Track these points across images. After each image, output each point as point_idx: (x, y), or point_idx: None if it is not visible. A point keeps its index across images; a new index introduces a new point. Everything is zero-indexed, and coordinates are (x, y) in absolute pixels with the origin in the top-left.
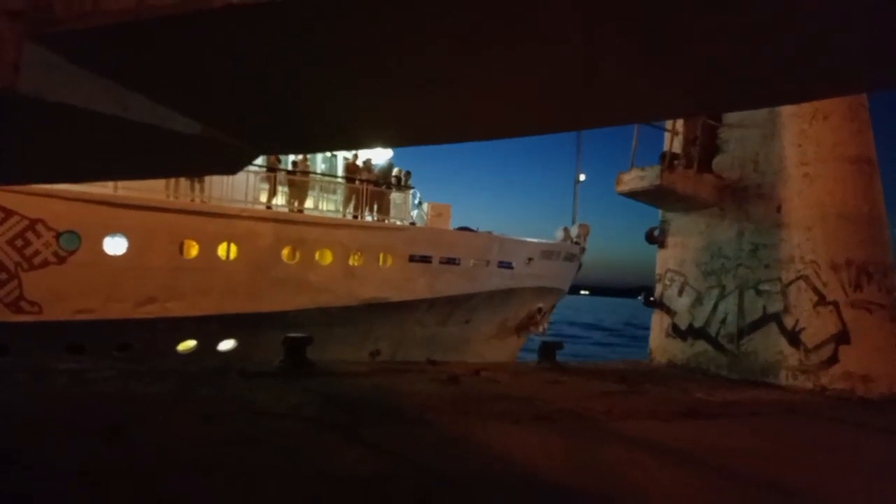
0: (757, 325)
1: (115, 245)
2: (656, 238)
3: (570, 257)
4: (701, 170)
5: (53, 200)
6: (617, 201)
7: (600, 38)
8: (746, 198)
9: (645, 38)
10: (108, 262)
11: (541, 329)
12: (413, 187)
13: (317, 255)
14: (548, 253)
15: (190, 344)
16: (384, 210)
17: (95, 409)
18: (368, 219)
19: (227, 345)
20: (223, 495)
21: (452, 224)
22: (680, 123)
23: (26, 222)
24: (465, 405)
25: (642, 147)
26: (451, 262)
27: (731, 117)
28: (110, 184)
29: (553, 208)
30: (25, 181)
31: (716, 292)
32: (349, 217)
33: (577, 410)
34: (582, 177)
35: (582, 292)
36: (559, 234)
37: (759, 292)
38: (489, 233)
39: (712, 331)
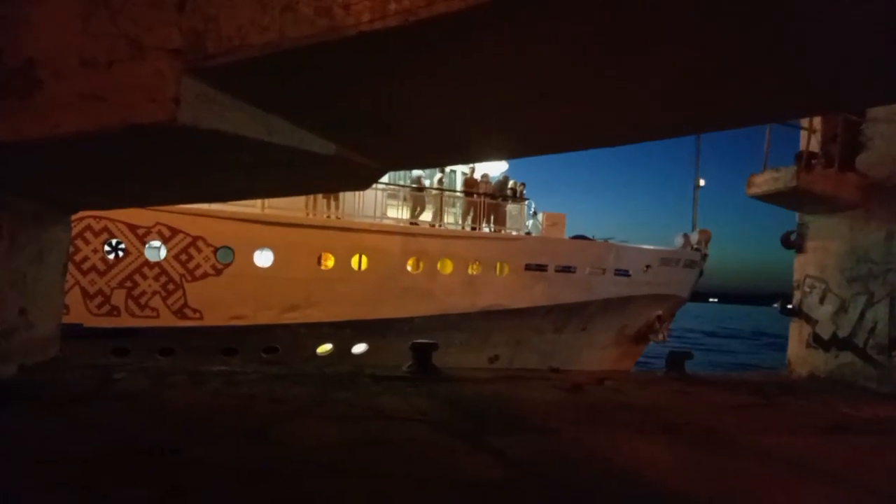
0: None
1: (263, 258)
2: (794, 242)
3: (690, 264)
4: (843, 169)
5: (211, 220)
6: (748, 205)
7: (724, 39)
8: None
9: (771, 35)
10: (257, 273)
11: (661, 337)
12: (528, 198)
13: (438, 266)
14: (666, 260)
15: (327, 347)
16: (500, 221)
17: (244, 410)
18: (486, 230)
19: (359, 348)
20: (359, 496)
21: (568, 233)
22: (818, 120)
23: (189, 239)
24: (590, 414)
25: (774, 147)
26: (566, 270)
27: (876, 112)
28: (258, 204)
29: (674, 214)
30: (182, 201)
31: (863, 300)
32: (468, 229)
33: (708, 423)
34: (702, 182)
35: (710, 300)
36: (679, 241)
37: None
38: (606, 241)
39: (859, 341)
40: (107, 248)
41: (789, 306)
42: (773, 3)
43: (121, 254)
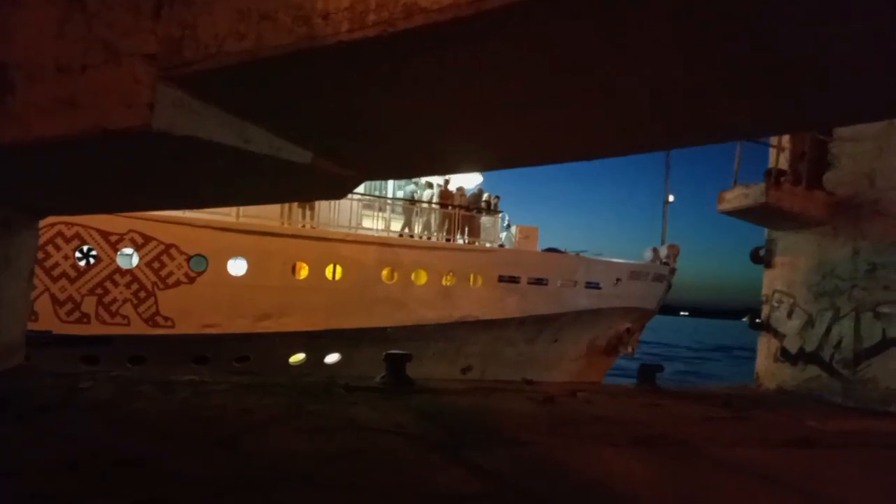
0: (876, 350)
1: (236, 267)
2: (762, 258)
3: (659, 277)
4: (810, 186)
5: (185, 227)
6: (718, 220)
7: (699, 56)
8: (861, 215)
9: (748, 53)
10: (230, 281)
11: (630, 349)
12: (502, 211)
13: (412, 276)
14: (636, 273)
15: (300, 357)
16: (474, 233)
17: (214, 420)
18: (460, 241)
19: (332, 358)
20: None
21: (541, 245)
22: (786, 139)
23: (162, 247)
24: (563, 426)
25: (743, 164)
26: (539, 282)
27: (842, 131)
28: (233, 212)
29: (644, 229)
30: (155, 208)
31: (829, 315)
32: (442, 240)
33: (678, 436)
34: (671, 197)
35: (681, 313)
36: (648, 255)
37: (877, 315)
38: (577, 254)
39: (825, 355)
40: (78, 254)
41: (758, 320)
42: (756, 18)
43: (92, 261)
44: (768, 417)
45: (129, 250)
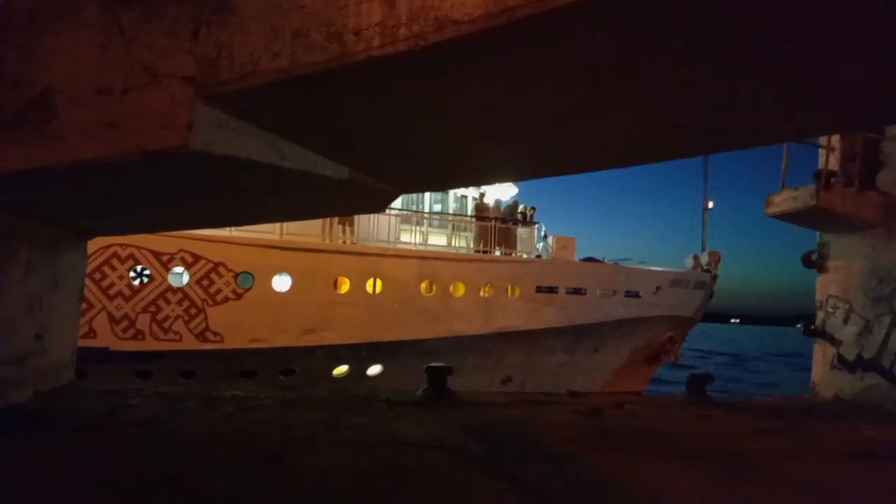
0: None
1: (281, 283)
2: (815, 262)
3: (700, 285)
4: (862, 188)
5: (232, 246)
6: (767, 224)
7: (741, 61)
8: None
9: (787, 57)
10: (275, 297)
11: (672, 358)
12: (538, 222)
13: (451, 288)
14: (676, 281)
15: (343, 369)
16: (511, 244)
17: (257, 436)
18: (497, 253)
19: (374, 370)
20: None
21: (579, 255)
22: (836, 139)
23: (210, 265)
24: (609, 440)
25: (791, 166)
26: (577, 292)
27: (895, 129)
28: (277, 230)
29: (684, 235)
30: (196, 226)
31: (887, 320)
32: (479, 252)
33: (730, 448)
34: (711, 203)
35: (732, 320)
36: (688, 262)
37: None
38: (616, 263)
39: (885, 362)
40: (132, 274)
41: (812, 327)
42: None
43: (146, 279)
44: (825, 429)
45: (179, 269)
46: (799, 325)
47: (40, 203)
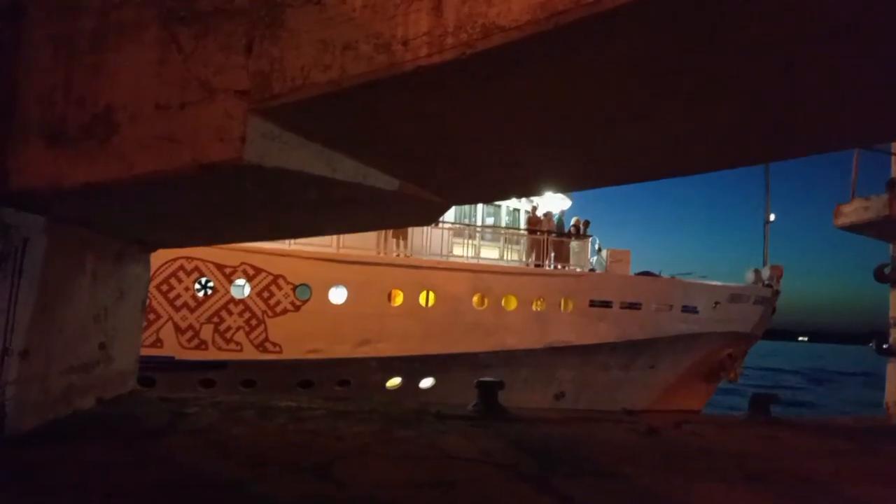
0: None
1: (337, 295)
2: (888, 276)
3: (760, 300)
4: None
5: (291, 259)
6: (833, 237)
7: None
8: None
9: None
10: (332, 309)
11: (732, 376)
12: (591, 235)
13: (503, 302)
14: (736, 296)
15: (396, 381)
16: (563, 258)
17: (309, 446)
18: (549, 267)
19: (426, 382)
20: None
21: (634, 268)
22: None
23: (270, 277)
24: (666, 459)
25: (860, 175)
26: (632, 306)
27: None
28: (333, 243)
29: (745, 249)
30: (252, 239)
31: None
32: (531, 266)
33: (797, 471)
34: (772, 216)
35: (800, 338)
36: (749, 277)
37: None
38: (672, 277)
39: None
40: (197, 286)
41: (885, 346)
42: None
43: (209, 291)
44: None
45: (241, 281)
46: (871, 344)
47: (105, 216)
